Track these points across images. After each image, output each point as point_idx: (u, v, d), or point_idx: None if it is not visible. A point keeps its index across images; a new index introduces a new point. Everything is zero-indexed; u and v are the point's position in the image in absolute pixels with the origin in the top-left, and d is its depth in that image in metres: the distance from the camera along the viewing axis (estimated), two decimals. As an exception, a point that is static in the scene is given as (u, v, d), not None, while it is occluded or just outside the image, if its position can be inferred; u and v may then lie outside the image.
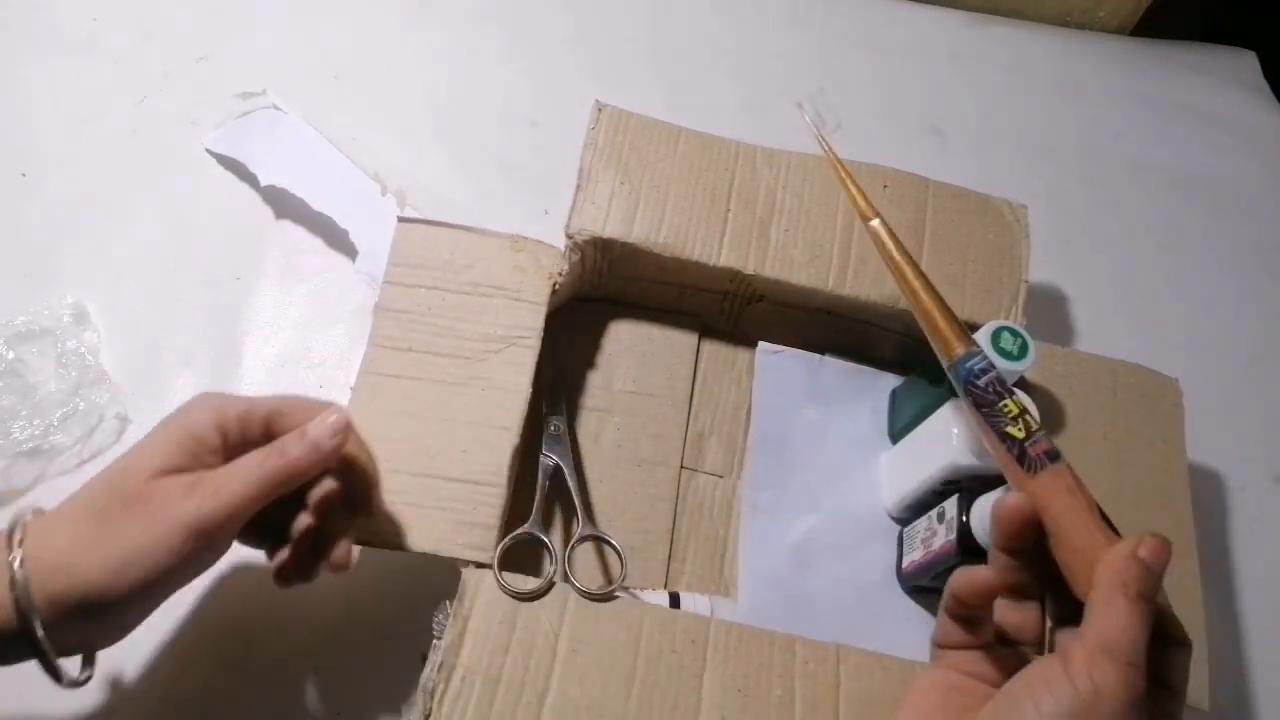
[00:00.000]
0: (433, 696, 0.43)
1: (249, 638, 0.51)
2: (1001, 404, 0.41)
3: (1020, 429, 0.40)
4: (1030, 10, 0.86)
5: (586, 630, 0.46)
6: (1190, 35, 0.87)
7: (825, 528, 0.56)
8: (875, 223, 0.47)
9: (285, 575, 0.43)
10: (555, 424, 0.55)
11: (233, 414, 0.41)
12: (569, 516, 0.55)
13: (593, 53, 0.76)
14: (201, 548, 0.38)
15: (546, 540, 0.50)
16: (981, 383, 0.42)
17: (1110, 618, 0.35)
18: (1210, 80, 0.84)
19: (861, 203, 0.48)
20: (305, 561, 0.43)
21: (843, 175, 0.49)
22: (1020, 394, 0.43)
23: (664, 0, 0.80)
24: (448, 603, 0.46)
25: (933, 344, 0.44)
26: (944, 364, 0.44)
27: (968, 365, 0.42)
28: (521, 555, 0.48)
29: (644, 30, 0.78)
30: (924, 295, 0.45)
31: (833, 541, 0.56)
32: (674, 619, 0.47)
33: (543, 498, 0.52)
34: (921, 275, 0.45)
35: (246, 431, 0.42)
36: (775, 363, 0.60)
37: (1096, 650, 0.34)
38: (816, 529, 0.56)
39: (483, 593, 0.46)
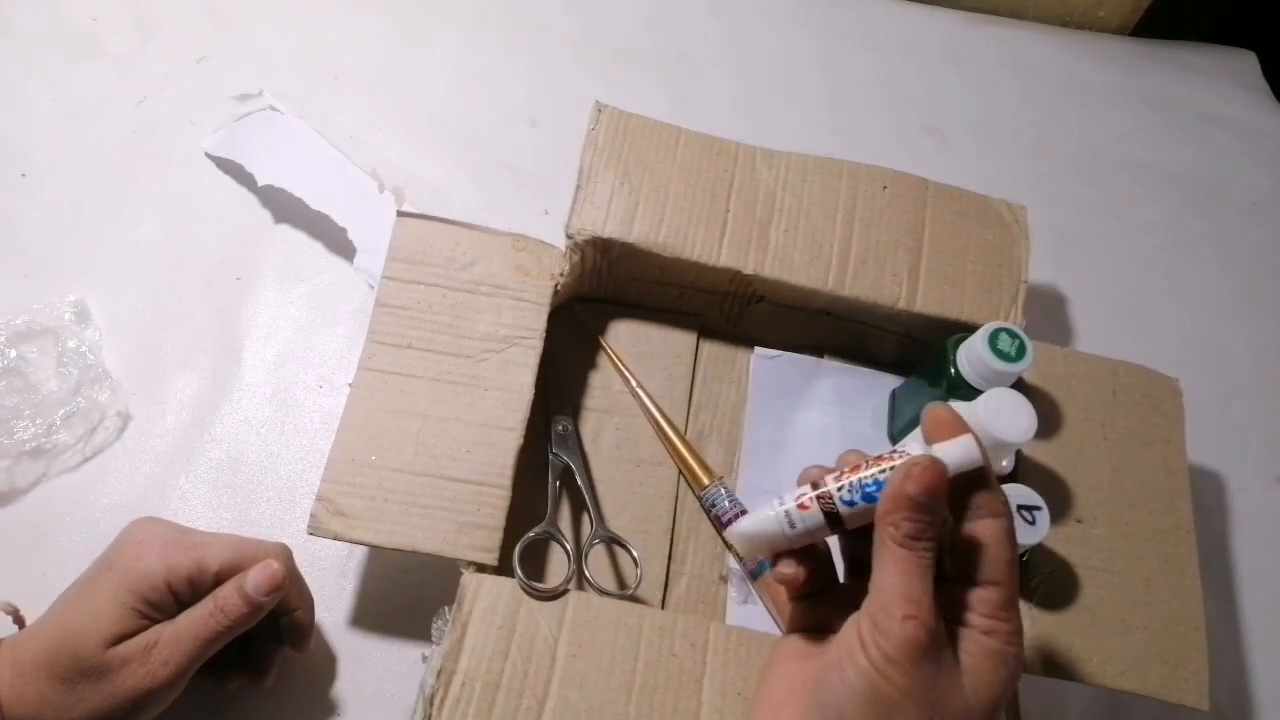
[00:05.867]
0: (432, 703, 0.43)
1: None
2: (736, 513, 0.53)
3: None
4: (1030, 10, 0.86)
5: (586, 634, 0.46)
6: (1190, 35, 0.87)
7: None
8: (640, 395, 0.58)
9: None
10: (563, 424, 0.55)
11: (184, 573, 0.44)
12: (578, 517, 0.55)
13: (593, 53, 0.76)
14: (158, 703, 0.43)
15: (565, 541, 0.50)
16: (722, 504, 0.54)
17: (883, 572, 0.34)
18: (1210, 80, 0.84)
19: (624, 374, 0.59)
20: (234, 678, 0.48)
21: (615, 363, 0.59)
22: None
23: (664, 0, 0.81)
24: (446, 609, 0.46)
25: (687, 476, 0.56)
26: (695, 492, 0.56)
27: (709, 495, 0.55)
28: (528, 554, 0.48)
29: (644, 30, 0.78)
30: (680, 446, 0.56)
31: (835, 551, 0.56)
32: (673, 622, 0.47)
33: (555, 498, 0.52)
34: (677, 431, 0.57)
35: (198, 587, 0.44)
36: (771, 367, 0.60)
37: (877, 612, 0.34)
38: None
39: (482, 597, 0.46)
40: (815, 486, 0.38)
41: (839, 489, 0.37)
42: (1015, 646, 0.35)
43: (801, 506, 0.38)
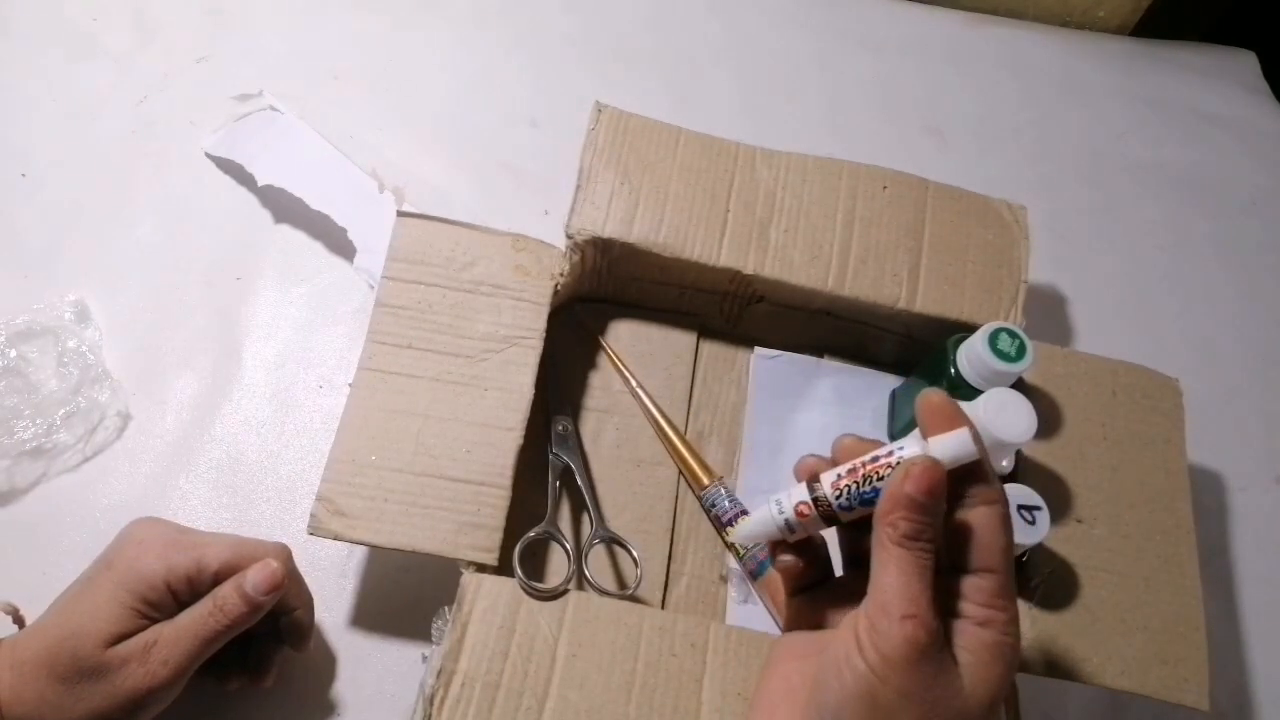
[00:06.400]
0: (432, 703, 0.43)
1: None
2: (736, 513, 0.54)
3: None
4: (1030, 10, 0.86)
5: (586, 634, 0.46)
6: (1190, 35, 0.87)
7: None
8: (640, 395, 0.58)
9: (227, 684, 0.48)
10: (563, 424, 0.55)
11: (183, 573, 0.44)
12: (578, 517, 0.55)
13: (593, 53, 0.76)
14: (158, 703, 0.43)
15: (565, 541, 0.50)
16: (722, 504, 0.54)
17: (882, 571, 0.34)
18: (1210, 80, 0.84)
19: (622, 370, 0.59)
20: (233, 678, 0.48)
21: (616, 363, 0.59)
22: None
23: (664, 0, 0.81)
24: (446, 609, 0.46)
25: (687, 477, 0.56)
26: (695, 492, 0.56)
27: (709, 495, 0.55)
28: (528, 554, 0.49)
29: (644, 30, 0.78)
30: (680, 445, 0.56)
31: (832, 542, 0.56)
32: (673, 622, 0.47)
33: (555, 498, 0.52)
34: (677, 431, 0.57)
35: (196, 587, 0.44)
36: (770, 367, 0.60)
37: (875, 613, 0.34)
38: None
39: (482, 598, 0.46)
40: (812, 488, 0.38)
41: (836, 496, 0.37)
42: (1012, 637, 0.35)
43: (800, 515, 0.38)
